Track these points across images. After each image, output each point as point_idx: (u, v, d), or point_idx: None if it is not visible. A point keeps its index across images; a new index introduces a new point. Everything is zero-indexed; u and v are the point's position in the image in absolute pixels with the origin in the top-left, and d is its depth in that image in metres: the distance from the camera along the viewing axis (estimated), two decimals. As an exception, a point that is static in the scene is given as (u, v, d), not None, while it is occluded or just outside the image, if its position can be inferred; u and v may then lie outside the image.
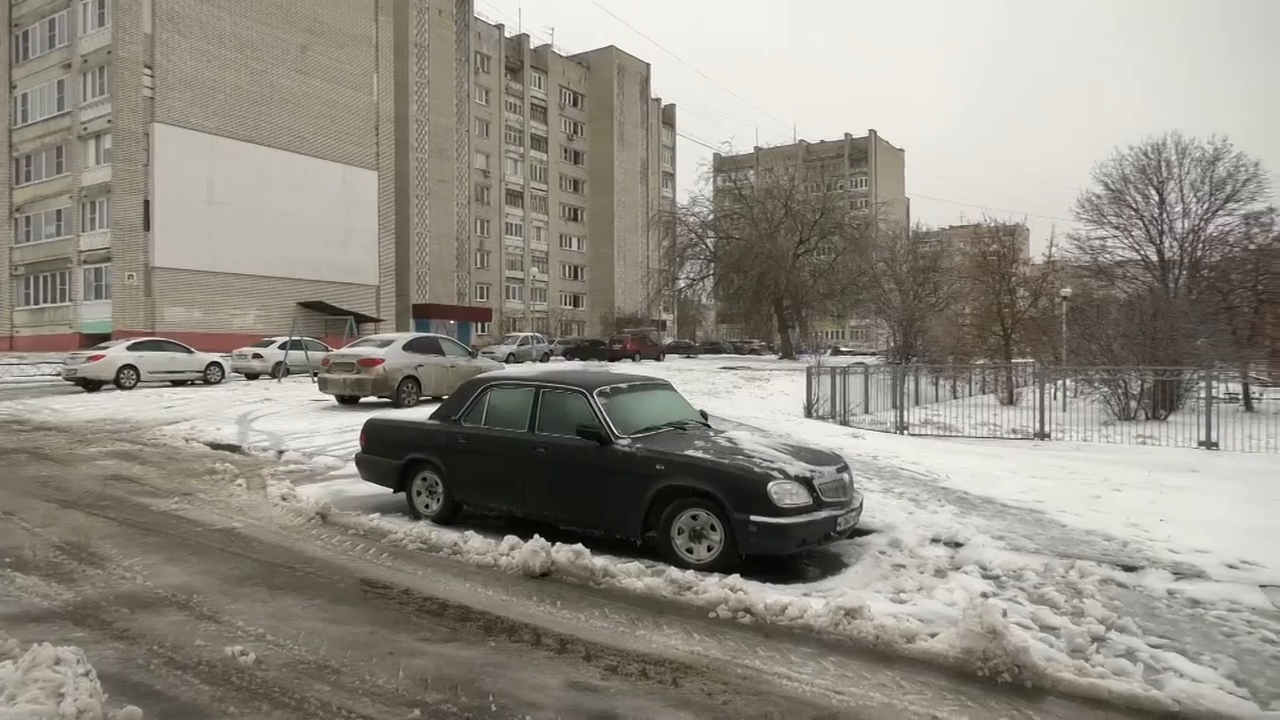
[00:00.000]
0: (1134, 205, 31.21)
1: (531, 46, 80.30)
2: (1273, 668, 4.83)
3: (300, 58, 47.11)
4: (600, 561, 6.48)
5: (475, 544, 7.09)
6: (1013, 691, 4.44)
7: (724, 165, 79.27)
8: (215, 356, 26.70)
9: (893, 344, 37.47)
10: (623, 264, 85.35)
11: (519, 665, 4.73)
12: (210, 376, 25.59)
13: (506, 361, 32.81)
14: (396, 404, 17.37)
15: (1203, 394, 17.58)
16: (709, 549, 6.66)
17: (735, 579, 6.00)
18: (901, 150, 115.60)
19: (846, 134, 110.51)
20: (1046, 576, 6.36)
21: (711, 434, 7.90)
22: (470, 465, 8.10)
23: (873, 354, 45.66)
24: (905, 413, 19.45)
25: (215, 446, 13.17)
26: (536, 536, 6.74)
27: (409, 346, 18.76)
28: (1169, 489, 10.05)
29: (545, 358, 42.04)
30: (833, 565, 6.99)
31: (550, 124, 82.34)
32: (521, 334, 51.22)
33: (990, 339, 31.99)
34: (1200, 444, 15.90)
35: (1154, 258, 30.87)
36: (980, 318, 33.90)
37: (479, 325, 63.54)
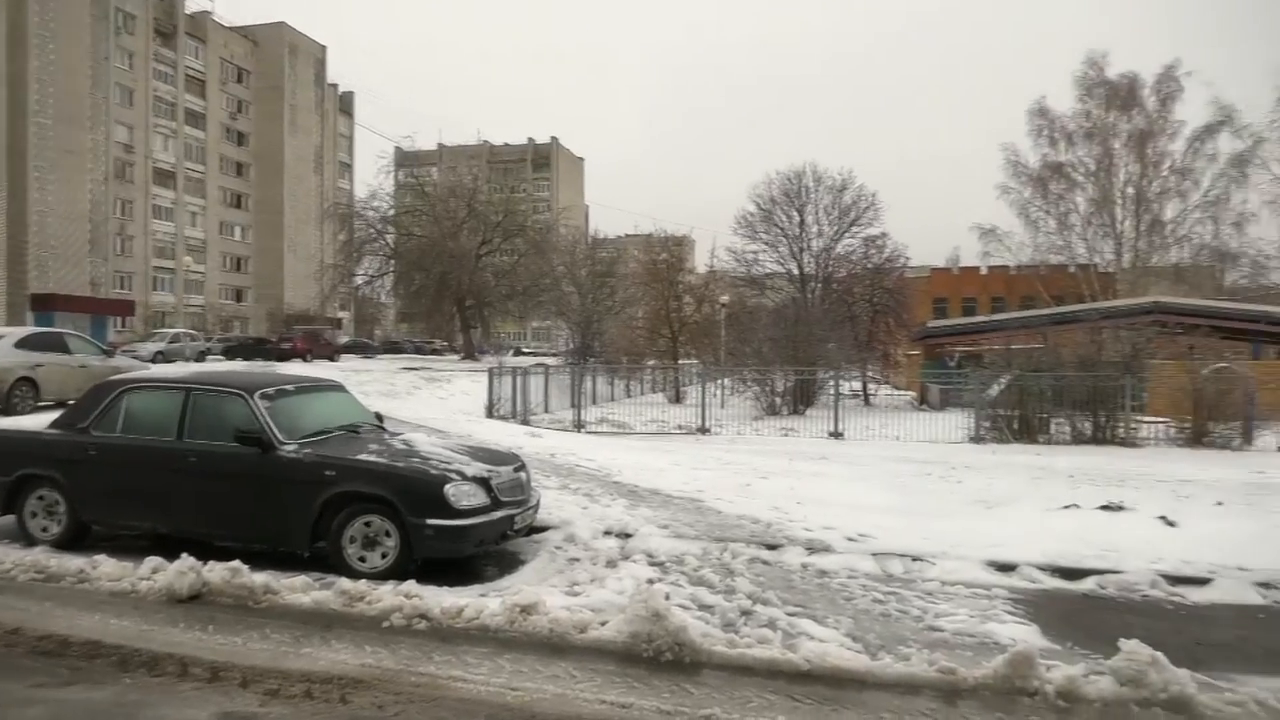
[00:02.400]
0: (780, 224, 35.16)
1: (187, 11, 72.28)
2: (880, 624, 5.66)
3: None
4: (261, 578, 5.98)
5: (108, 569, 6.22)
6: (674, 669, 4.78)
7: (406, 160, 76.91)
8: None
9: (572, 345, 38.81)
10: (294, 257, 79.49)
11: (161, 701, 4.23)
12: None
13: (153, 361, 29.22)
14: (6, 411, 14.76)
15: (832, 391, 20.28)
16: (383, 556, 6.43)
17: (411, 585, 5.84)
18: (582, 159, 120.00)
19: (530, 139, 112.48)
20: (704, 559, 6.93)
21: (387, 437, 7.63)
22: (102, 479, 7.09)
23: (553, 355, 46.89)
24: (583, 411, 20.21)
25: None
26: (185, 556, 6.07)
27: (23, 343, 16.03)
28: (805, 475, 11.41)
29: (201, 357, 38.01)
30: (511, 564, 7.06)
31: (210, 99, 74.58)
32: (172, 330, 45.94)
33: (660, 341, 34.29)
34: (830, 434, 18.29)
35: (796, 271, 34.97)
36: (651, 321, 36.22)
37: (119, 320, 55.91)
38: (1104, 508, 9.05)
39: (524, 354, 62.02)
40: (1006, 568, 6.90)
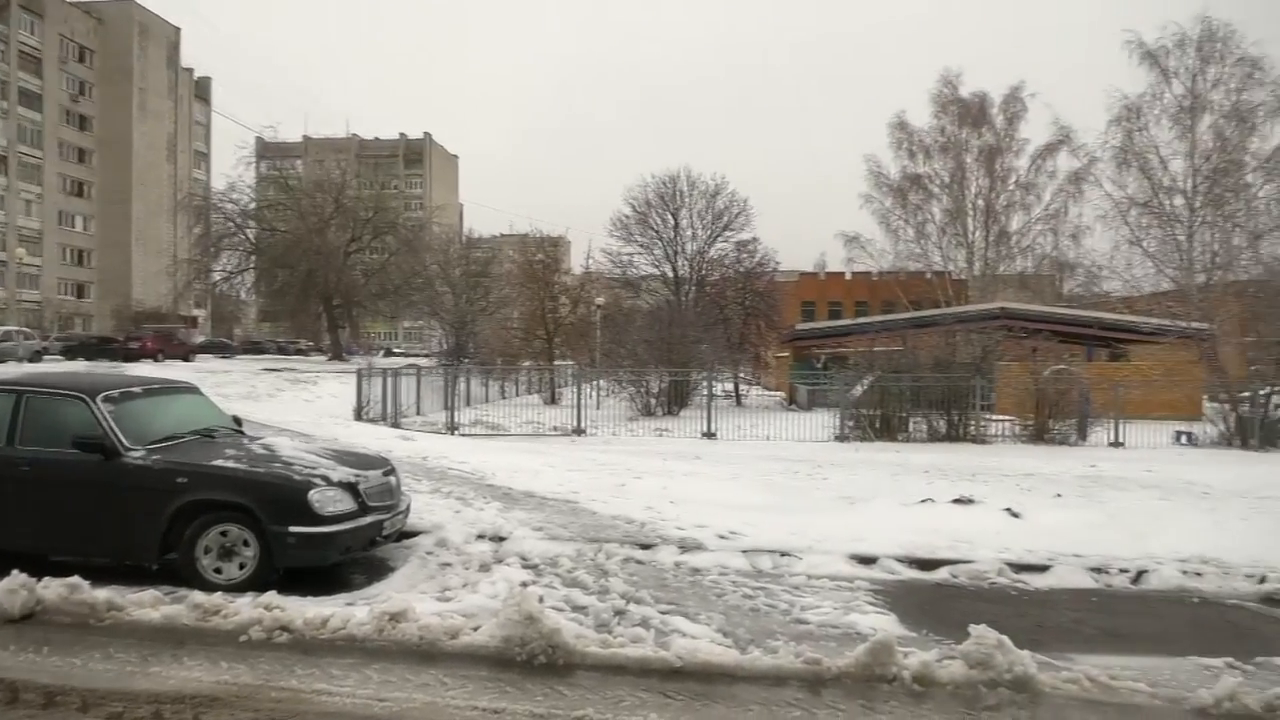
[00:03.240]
0: (655, 227, 35.63)
1: (21, -17, 66.77)
2: (750, 618, 5.81)
3: None
4: (104, 594, 5.58)
5: (-76, 589, 5.66)
6: (548, 671, 4.75)
7: (269, 151, 73.52)
8: None
9: (445, 346, 38.07)
10: (143, 251, 74.45)
11: (-15, 732, 3.88)
12: None
13: (-20, 361, 26.81)
14: None
15: (705, 392, 20.68)
16: (241, 566, 6.12)
17: (271, 596, 5.57)
18: (456, 156, 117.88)
19: (402, 134, 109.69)
20: (579, 561, 6.92)
21: (246, 441, 7.27)
22: (-82, 491, 6.44)
23: (426, 356, 45.85)
24: (456, 413, 19.85)
25: None
26: (15, 573, 5.59)
27: None
28: (679, 475, 11.58)
29: (36, 357, 35.13)
30: (380, 570, 6.86)
31: (47, 79, 69.06)
32: (2, 329, 42.29)
33: (535, 343, 34.07)
34: (703, 434, 18.63)
35: (670, 274, 35.49)
36: (527, 322, 35.95)
37: (-61, 316, 51.02)
38: (956, 501, 9.58)
39: (395, 355, 60.37)
40: (868, 560, 7.22)
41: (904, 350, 22.98)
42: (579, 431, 18.86)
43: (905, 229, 40.10)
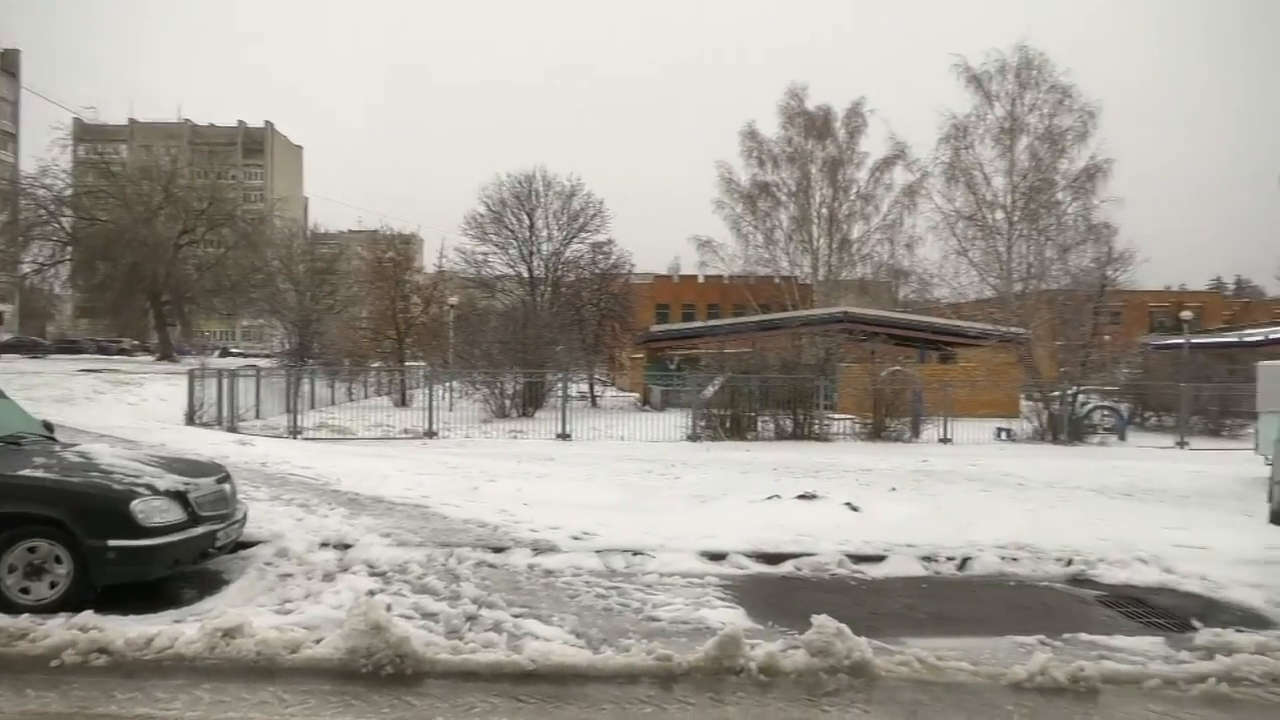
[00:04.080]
0: (510, 227, 35.27)
1: None
2: (603, 618, 5.84)
3: None
4: (-116, 621, 4.99)
5: None
6: (395, 682, 4.61)
7: (89, 134, 67.66)
8: None
9: (288, 346, 36.30)
10: (-62, 239, 67.10)
11: None
12: None
13: None
14: None
15: (560, 393, 20.65)
16: (52, 586, 5.62)
17: (88, 616, 5.14)
18: (300, 147, 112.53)
19: (241, 121, 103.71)
20: (429, 566, 6.76)
21: (58, 449, 6.68)
22: None
23: (267, 356, 43.52)
24: (300, 416, 18.97)
25: None
26: None
27: None
28: (532, 476, 11.51)
29: None
30: (213, 584, 6.45)
31: None
32: None
33: (385, 343, 32.96)
34: (558, 436, 18.60)
35: (526, 274, 35.23)
36: (376, 322, 34.73)
37: None
38: (801, 497, 9.98)
39: (232, 354, 56.94)
40: (718, 556, 7.41)
41: (753, 352, 23.75)
42: (431, 434, 18.42)
43: (755, 234, 41.41)
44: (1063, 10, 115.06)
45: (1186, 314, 34.23)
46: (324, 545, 7.19)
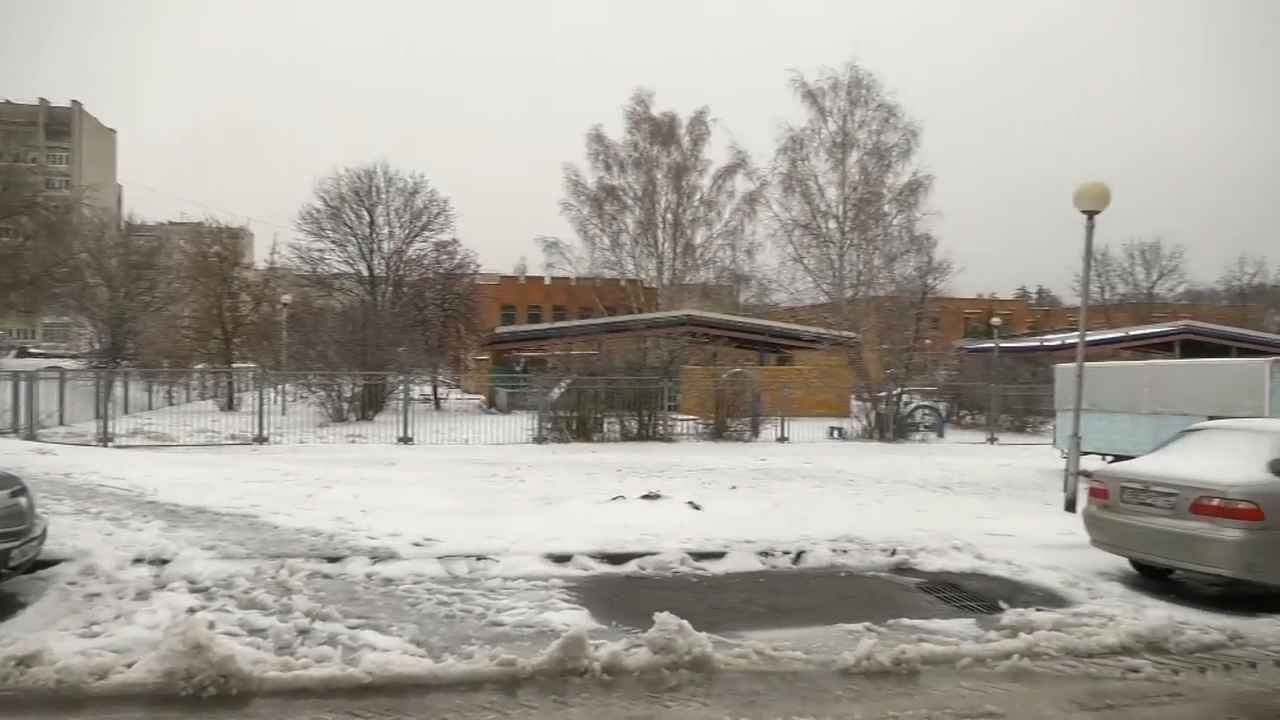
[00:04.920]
0: (349, 223, 33.87)
1: None
2: (445, 625, 5.71)
3: None
4: None
5: None
6: (219, 703, 4.33)
7: None
8: None
9: (98, 346, 33.41)
10: None
11: None
12: None
13: None
14: None
15: (402, 396, 20.05)
16: None
17: None
18: (114, 131, 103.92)
19: (43, 99, 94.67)
20: (257, 580, 6.39)
21: None
22: None
23: (73, 357, 39.89)
24: (111, 423, 17.49)
25: None
26: None
27: None
28: (371, 482, 11.12)
29: None
30: (7, 608, 5.83)
31: None
32: None
33: (211, 343, 30.90)
34: (400, 440, 18.05)
35: (366, 273, 33.95)
36: (201, 321, 32.48)
37: None
38: (645, 497, 10.13)
39: (31, 355, 51.82)
40: (563, 558, 7.40)
41: (599, 354, 23.92)
42: (261, 440, 17.44)
43: (601, 237, 41.78)
44: (891, 35, 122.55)
45: (996, 320, 37.11)
46: (138, 561, 6.66)
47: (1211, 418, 9.63)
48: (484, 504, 9.84)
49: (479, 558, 7.27)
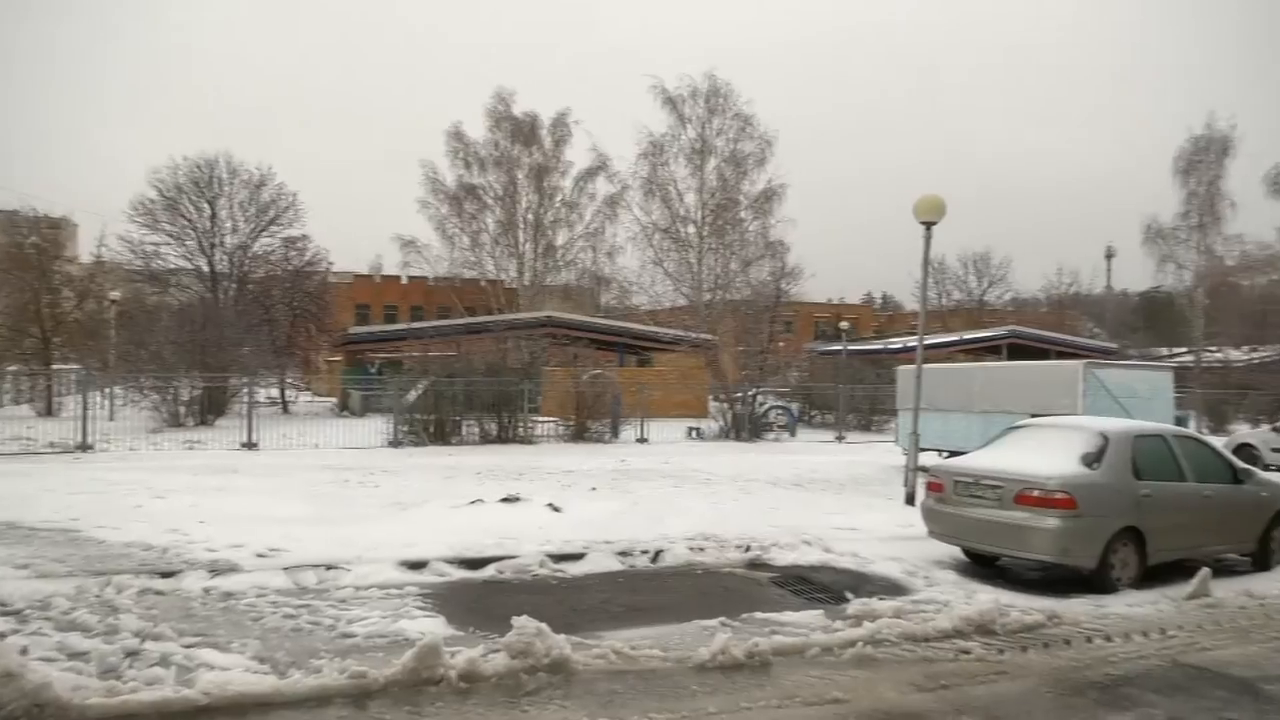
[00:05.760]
0: (188, 215, 31.78)
1: None
2: (291, 639, 5.44)
3: None
4: None
5: None
6: (32, 736, 3.96)
7: None
8: None
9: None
10: None
11: None
12: None
13: None
14: None
15: (246, 399, 19.00)
16: None
17: None
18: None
19: None
20: (79, 599, 5.90)
21: None
22: None
23: None
24: (-95, 430, 15.74)
25: None
26: None
27: None
28: (211, 490, 10.50)
29: None
30: None
31: None
32: None
33: (27, 343, 28.30)
34: (243, 445, 17.10)
35: (206, 268, 31.96)
36: (15, 318, 29.68)
37: None
38: (505, 500, 10.03)
39: None
40: (418, 565, 7.21)
41: (459, 355, 23.49)
42: (85, 447, 16.13)
43: (461, 237, 40.89)
44: (751, 44, 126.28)
45: (844, 324, 38.90)
46: (-64, 584, 6.03)
47: (1034, 415, 10.43)
48: (335, 511, 9.46)
49: (329, 567, 6.99)
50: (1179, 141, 38.20)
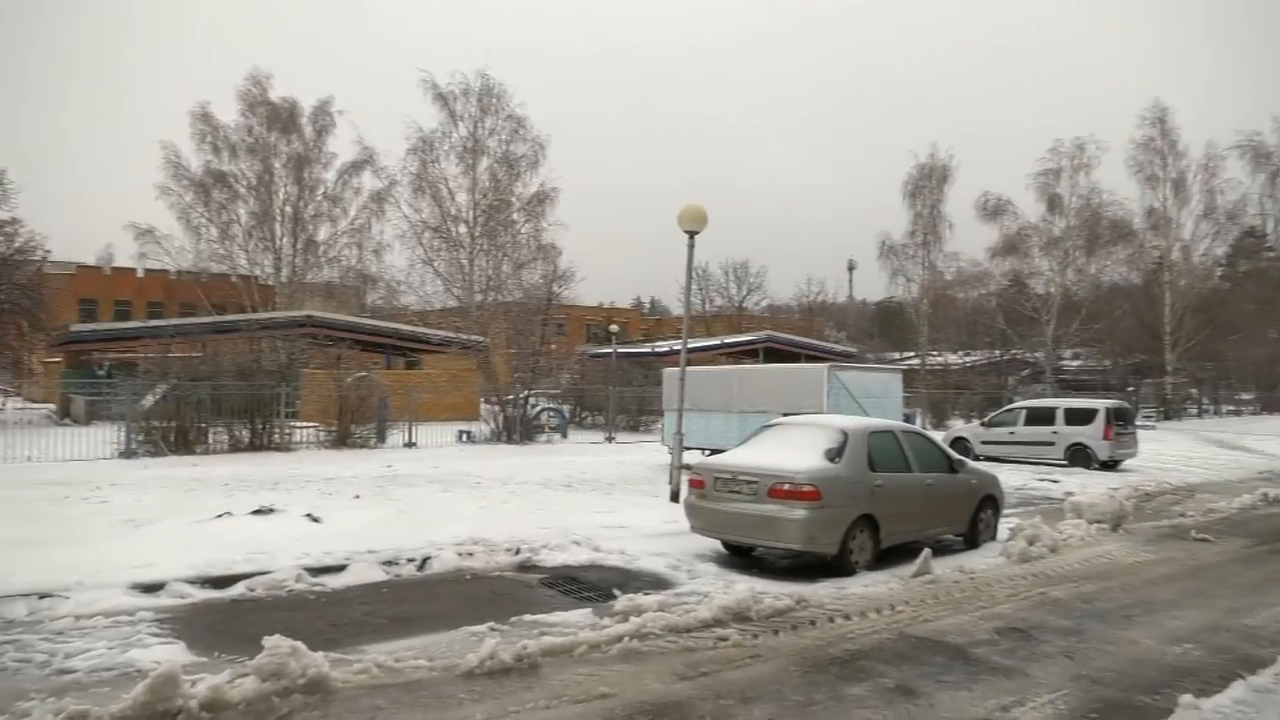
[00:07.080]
0: None
1: None
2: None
3: None
4: None
5: None
6: None
7: None
8: None
9: None
10: None
11: None
12: None
13: None
14: None
15: (-63, 406, 16.38)
16: None
17: None
18: None
19: None
20: None
21: None
22: None
23: None
24: None
25: None
26: None
27: None
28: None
29: None
30: None
31: None
32: None
33: None
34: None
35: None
36: None
37: None
38: (256, 512, 9.35)
39: None
40: (154, 588, 6.56)
41: (205, 356, 21.65)
42: None
43: (209, 228, 37.50)
44: (522, 53, 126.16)
45: (615, 327, 39.75)
46: None
47: (786, 414, 11.21)
48: (51, 532, 8.38)
49: (42, 595, 6.17)
50: (908, 167, 42.67)
